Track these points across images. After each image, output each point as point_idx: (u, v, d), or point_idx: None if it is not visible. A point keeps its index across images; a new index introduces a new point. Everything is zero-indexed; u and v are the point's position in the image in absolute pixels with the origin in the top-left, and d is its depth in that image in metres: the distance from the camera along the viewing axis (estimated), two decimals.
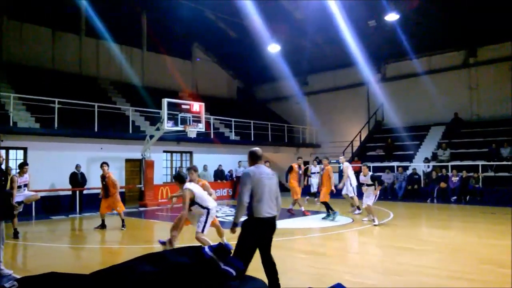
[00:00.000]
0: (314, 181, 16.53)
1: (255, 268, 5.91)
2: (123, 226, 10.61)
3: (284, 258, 7.33)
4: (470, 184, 16.45)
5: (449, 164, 17.86)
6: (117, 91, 20.99)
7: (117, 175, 16.59)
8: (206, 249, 3.15)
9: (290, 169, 13.50)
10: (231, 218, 12.59)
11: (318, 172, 16.06)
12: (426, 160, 18.88)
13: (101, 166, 10.75)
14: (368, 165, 19.50)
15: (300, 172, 13.60)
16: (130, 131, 17.33)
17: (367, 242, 8.47)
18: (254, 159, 4.94)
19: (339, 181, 14.00)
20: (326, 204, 11.83)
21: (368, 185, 10.87)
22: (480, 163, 17.12)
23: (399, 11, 18.54)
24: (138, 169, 17.57)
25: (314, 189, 16.66)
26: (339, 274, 6.02)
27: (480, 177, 16.64)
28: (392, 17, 18.78)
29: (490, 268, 6.26)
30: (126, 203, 16.74)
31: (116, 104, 19.15)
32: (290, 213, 13.00)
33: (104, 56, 21.92)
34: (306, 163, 23.77)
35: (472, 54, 20.85)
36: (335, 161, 22.23)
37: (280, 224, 10.65)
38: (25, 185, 9.72)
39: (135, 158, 17.13)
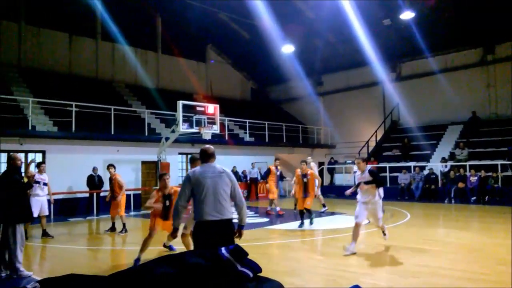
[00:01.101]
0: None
1: (272, 270, 5.91)
2: (122, 230, 10.40)
3: (299, 260, 7.32)
4: (489, 184, 16.16)
5: (467, 163, 17.57)
6: (132, 94, 21.23)
7: (133, 177, 16.84)
8: (223, 250, 3.17)
9: (268, 171, 13.90)
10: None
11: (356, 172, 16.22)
12: (443, 159, 18.61)
13: (108, 168, 10.89)
14: (384, 165, 19.65)
15: (278, 173, 13.97)
16: (146, 134, 17.50)
17: (383, 243, 8.37)
18: (202, 158, 4.59)
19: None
20: (308, 211, 10.66)
21: (366, 182, 7.62)
22: (499, 162, 16.80)
23: (415, 9, 18.33)
24: (154, 171, 17.72)
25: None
26: (356, 276, 5.98)
27: (500, 177, 16.33)
28: (407, 15, 18.59)
29: (508, 270, 6.14)
30: (142, 205, 16.94)
31: (132, 107, 19.36)
32: (268, 214, 13.44)
33: (119, 60, 22.21)
34: (321, 163, 23.76)
35: (489, 51, 20.48)
36: (350, 161, 22.15)
37: (291, 225, 10.66)
38: (45, 184, 9.92)
39: (151, 160, 17.28)
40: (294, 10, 21.11)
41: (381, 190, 7.66)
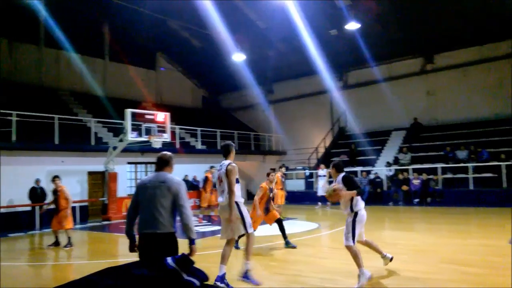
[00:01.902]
0: (321, 184, 17.29)
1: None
2: (67, 244, 9.91)
3: (253, 266, 7.34)
4: (431, 186, 17.04)
5: (410, 167, 18.44)
6: (78, 102, 20.47)
7: (79, 188, 16.19)
8: (169, 260, 3.12)
9: (206, 179, 14.65)
10: (198, 228, 12.51)
11: (325, 176, 16.88)
12: (388, 164, 19.43)
13: (53, 180, 10.41)
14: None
15: (214, 180, 14.29)
16: (92, 143, 16.91)
17: (334, 247, 8.60)
18: (156, 165, 4.37)
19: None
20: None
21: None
22: (439, 165, 17.78)
23: (359, 20, 19.07)
24: (101, 182, 17.13)
25: (320, 192, 16.97)
26: (308, 280, 6.09)
27: (440, 179, 17.28)
28: (352, 26, 19.28)
29: (453, 268, 6.47)
30: (89, 217, 16.33)
31: (78, 115, 18.67)
32: (213, 219, 14.04)
33: (65, 67, 21.40)
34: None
35: (429, 60, 21.70)
36: (301, 167, 22.58)
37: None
38: None
39: (98, 171, 16.71)
40: (245, 19, 21.29)
41: (355, 201, 5.87)
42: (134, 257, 4.11)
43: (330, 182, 7.13)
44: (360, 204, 5.92)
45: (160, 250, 3.87)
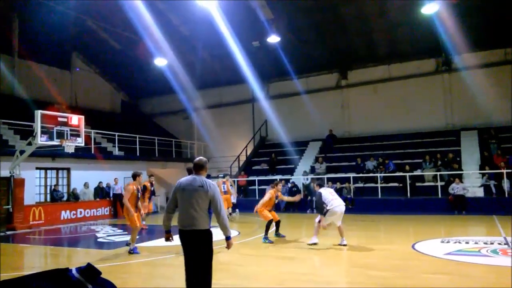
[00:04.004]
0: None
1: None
2: None
3: (169, 276, 7.23)
4: (343, 194, 18.02)
5: (325, 176, 19.38)
6: None
7: None
8: (73, 271, 2.96)
9: (144, 188, 14.77)
10: (113, 238, 12.02)
11: None
12: (305, 173, 20.23)
13: None
14: (254, 178, 20.59)
15: (152, 189, 14.88)
16: None
17: (252, 254, 8.75)
18: (194, 169, 4.93)
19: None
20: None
21: None
22: (351, 175, 18.91)
23: (280, 34, 19.77)
24: (6, 188, 15.71)
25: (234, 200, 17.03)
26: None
27: (352, 188, 18.37)
28: (273, 39, 19.91)
29: (361, 271, 6.91)
30: None
31: None
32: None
33: None
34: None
35: (343, 76, 23.11)
36: (222, 175, 22.62)
37: (158, 242, 10.47)
38: None
39: (3, 176, 15.31)
40: (168, 24, 20.97)
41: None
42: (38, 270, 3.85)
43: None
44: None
45: (199, 243, 4.60)
